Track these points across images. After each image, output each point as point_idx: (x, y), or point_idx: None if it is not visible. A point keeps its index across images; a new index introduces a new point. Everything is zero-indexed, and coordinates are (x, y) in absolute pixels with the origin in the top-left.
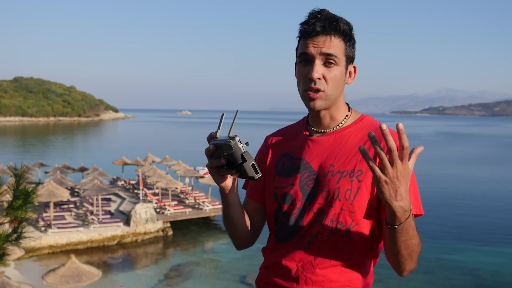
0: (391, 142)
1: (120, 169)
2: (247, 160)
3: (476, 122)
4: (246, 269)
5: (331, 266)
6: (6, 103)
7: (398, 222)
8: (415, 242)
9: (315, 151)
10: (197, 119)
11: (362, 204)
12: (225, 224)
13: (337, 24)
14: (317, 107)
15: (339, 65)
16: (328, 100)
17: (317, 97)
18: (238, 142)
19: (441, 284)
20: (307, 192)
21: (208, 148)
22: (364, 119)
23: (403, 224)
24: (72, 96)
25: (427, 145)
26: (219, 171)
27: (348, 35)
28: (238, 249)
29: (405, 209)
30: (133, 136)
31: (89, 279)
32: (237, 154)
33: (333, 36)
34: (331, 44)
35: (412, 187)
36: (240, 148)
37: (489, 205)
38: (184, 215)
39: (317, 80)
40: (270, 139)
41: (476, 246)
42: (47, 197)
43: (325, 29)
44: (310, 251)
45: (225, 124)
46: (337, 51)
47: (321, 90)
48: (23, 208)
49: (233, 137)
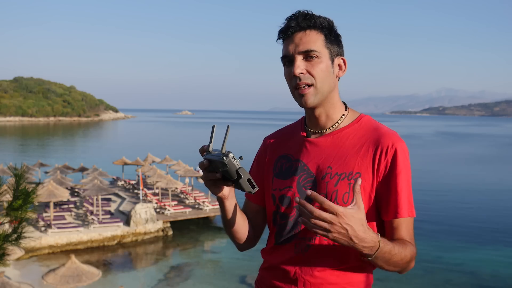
0: (320, 199)
1: (120, 169)
2: (243, 176)
3: (476, 122)
4: (246, 269)
5: (330, 269)
6: (6, 103)
7: (369, 256)
8: (396, 259)
9: (312, 153)
10: (197, 119)
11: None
12: (225, 229)
13: (311, 19)
14: (309, 102)
15: (321, 57)
16: (320, 94)
17: (306, 92)
18: (232, 159)
19: (441, 284)
20: (305, 194)
21: (202, 162)
22: (362, 119)
23: (376, 254)
24: (72, 96)
25: (427, 145)
26: (215, 183)
27: (326, 28)
28: (240, 251)
29: (371, 246)
30: (133, 136)
31: (89, 279)
32: (231, 170)
33: (308, 30)
34: (308, 39)
35: (405, 188)
36: (234, 165)
37: (489, 205)
38: (184, 215)
39: (300, 75)
40: (268, 140)
41: (476, 246)
42: (47, 197)
43: (299, 24)
44: (309, 253)
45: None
46: (316, 45)
47: (309, 84)
48: (23, 208)
49: (226, 154)
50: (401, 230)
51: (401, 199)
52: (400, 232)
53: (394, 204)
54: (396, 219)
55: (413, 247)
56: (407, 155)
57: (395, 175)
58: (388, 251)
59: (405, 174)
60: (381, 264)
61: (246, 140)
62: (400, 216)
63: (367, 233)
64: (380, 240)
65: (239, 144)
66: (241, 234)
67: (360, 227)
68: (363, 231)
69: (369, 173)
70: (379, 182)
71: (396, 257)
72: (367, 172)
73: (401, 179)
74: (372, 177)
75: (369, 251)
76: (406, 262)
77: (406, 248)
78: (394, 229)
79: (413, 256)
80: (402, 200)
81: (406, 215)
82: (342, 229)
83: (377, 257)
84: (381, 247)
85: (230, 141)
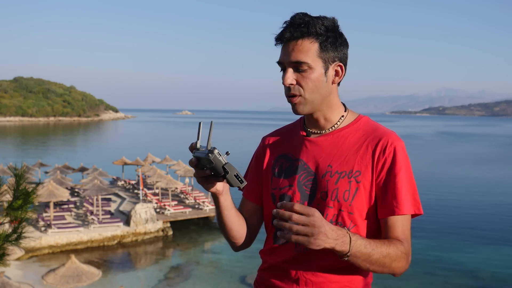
0: (289, 205)
1: (120, 169)
2: (230, 171)
3: (476, 122)
4: (246, 270)
5: (331, 267)
6: (6, 103)
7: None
8: (377, 256)
9: (312, 151)
10: (197, 119)
11: (361, 205)
12: (220, 227)
13: (305, 27)
14: (300, 111)
15: (313, 67)
16: (310, 104)
17: (296, 102)
18: (217, 155)
19: (441, 284)
20: (306, 193)
21: (190, 160)
22: (361, 120)
23: (351, 249)
24: (72, 96)
25: (427, 145)
26: (206, 180)
27: (322, 35)
28: (235, 251)
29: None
30: (133, 136)
31: (89, 279)
32: (218, 167)
33: (300, 40)
34: (300, 49)
35: (405, 186)
36: (220, 161)
37: (489, 205)
38: (184, 215)
39: (290, 86)
40: (267, 140)
41: (476, 246)
42: (47, 197)
43: (292, 35)
44: (310, 252)
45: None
46: (307, 56)
47: (297, 95)
48: (23, 208)
49: (211, 150)
50: (395, 229)
51: (399, 197)
52: (394, 231)
53: (390, 202)
54: (391, 217)
55: (402, 246)
56: (405, 154)
57: (394, 174)
58: (364, 245)
59: (404, 172)
60: (364, 263)
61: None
62: (396, 213)
63: (336, 229)
64: (350, 232)
65: (239, 144)
66: (236, 232)
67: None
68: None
69: (369, 171)
70: (378, 180)
71: (376, 254)
72: (367, 170)
73: (400, 177)
74: (371, 175)
75: (343, 246)
76: (393, 260)
77: (389, 245)
78: (389, 227)
79: (402, 256)
80: (400, 197)
81: (403, 212)
82: (322, 228)
83: (355, 254)
84: (353, 240)
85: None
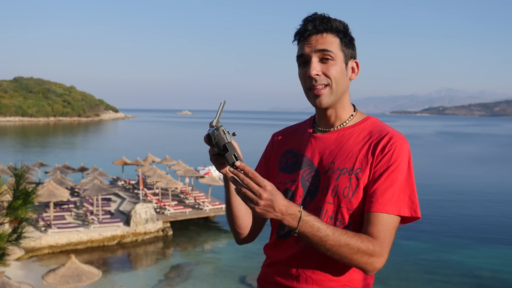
0: (247, 169)
1: (120, 169)
2: (229, 150)
3: (476, 122)
4: (246, 269)
5: (332, 265)
6: (6, 103)
7: (294, 228)
8: (332, 243)
9: (317, 148)
10: (197, 119)
11: (361, 202)
12: (227, 214)
13: (328, 22)
14: (324, 103)
15: (337, 60)
16: (334, 95)
17: (322, 92)
18: (221, 132)
19: (441, 284)
20: (308, 188)
21: (204, 137)
22: (368, 120)
23: (300, 226)
24: (72, 96)
25: (427, 145)
26: (217, 159)
27: (342, 32)
28: (238, 243)
29: (291, 213)
30: (133, 136)
31: (89, 279)
32: (219, 144)
33: (325, 33)
34: (324, 41)
35: (406, 187)
36: (223, 138)
37: (489, 205)
38: (184, 215)
39: (316, 77)
40: (276, 136)
41: (476, 246)
42: (47, 197)
43: (316, 27)
44: (310, 249)
45: None
46: (332, 47)
47: (325, 85)
48: (23, 208)
49: (217, 128)
50: (372, 225)
51: (386, 195)
52: (370, 227)
53: (376, 198)
54: (372, 213)
55: (369, 243)
56: (406, 155)
57: (388, 171)
58: (317, 227)
59: (400, 172)
60: (318, 246)
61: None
62: (377, 210)
63: (289, 204)
64: (302, 212)
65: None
66: (242, 221)
67: (283, 200)
68: (286, 205)
69: (368, 168)
70: (371, 176)
71: (331, 240)
72: (367, 168)
73: (394, 176)
74: (369, 172)
75: (292, 221)
76: (354, 252)
77: (352, 237)
78: (366, 222)
79: (365, 251)
80: (387, 195)
81: (386, 210)
82: (268, 200)
83: (303, 233)
84: (303, 217)
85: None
